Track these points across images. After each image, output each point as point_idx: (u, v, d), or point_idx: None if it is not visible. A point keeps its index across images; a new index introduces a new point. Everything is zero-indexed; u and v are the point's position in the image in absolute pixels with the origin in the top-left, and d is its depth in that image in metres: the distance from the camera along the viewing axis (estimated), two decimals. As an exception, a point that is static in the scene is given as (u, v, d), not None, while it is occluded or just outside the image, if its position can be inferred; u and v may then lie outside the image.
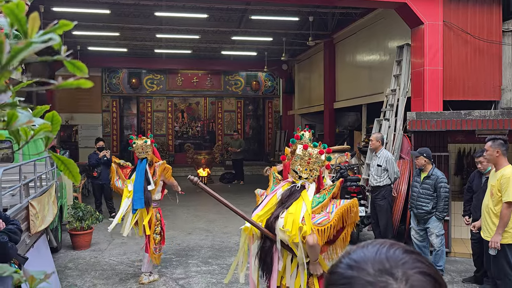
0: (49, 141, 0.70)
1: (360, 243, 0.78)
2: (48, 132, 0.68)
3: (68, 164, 0.73)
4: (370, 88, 10.93)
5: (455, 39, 7.99)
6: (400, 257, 0.71)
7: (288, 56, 15.44)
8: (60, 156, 0.73)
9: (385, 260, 0.70)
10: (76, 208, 7.00)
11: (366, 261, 0.71)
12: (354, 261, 0.73)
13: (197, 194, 12.90)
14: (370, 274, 0.69)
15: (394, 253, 0.72)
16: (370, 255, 0.72)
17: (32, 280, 0.63)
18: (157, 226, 5.45)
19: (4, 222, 3.08)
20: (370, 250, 0.74)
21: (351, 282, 0.69)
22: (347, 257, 0.75)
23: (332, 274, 0.74)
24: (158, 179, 5.39)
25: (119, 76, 18.22)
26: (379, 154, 6.76)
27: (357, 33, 11.83)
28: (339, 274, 0.73)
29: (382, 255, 0.72)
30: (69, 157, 3.46)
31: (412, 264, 0.70)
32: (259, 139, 20.09)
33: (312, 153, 3.27)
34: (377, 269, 0.69)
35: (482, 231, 4.66)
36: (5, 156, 6.96)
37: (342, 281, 0.71)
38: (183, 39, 14.93)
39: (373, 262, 0.70)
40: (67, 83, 0.60)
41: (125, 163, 5.69)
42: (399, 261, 0.70)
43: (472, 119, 6.51)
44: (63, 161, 0.73)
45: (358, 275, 0.69)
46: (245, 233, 3.26)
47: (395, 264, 0.69)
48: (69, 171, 0.74)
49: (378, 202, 6.76)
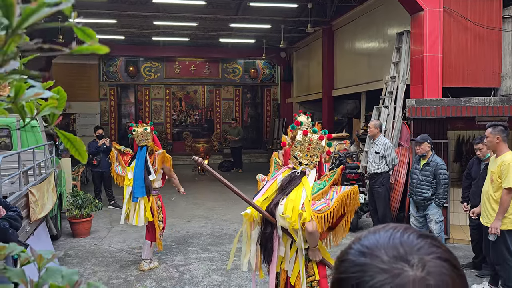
0: (55, 118, 0.68)
1: (371, 228, 0.74)
2: (53, 108, 0.67)
3: (74, 142, 0.72)
4: (369, 75, 10.89)
5: (455, 26, 7.94)
6: (415, 243, 0.67)
7: (287, 43, 15.34)
8: (66, 134, 0.72)
9: (399, 245, 0.67)
10: (75, 196, 7.00)
11: (379, 247, 0.67)
12: (366, 248, 0.69)
13: (195, 182, 12.92)
14: (384, 261, 0.65)
15: (408, 238, 0.68)
16: (384, 241, 0.68)
17: (41, 259, 0.62)
18: (159, 213, 5.46)
19: (5, 209, 3.07)
20: (383, 235, 0.70)
21: (363, 269, 0.65)
22: (358, 243, 0.71)
23: (343, 262, 0.70)
24: (158, 169, 5.36)
25: (116, 64, 18.10)
26: (377, 141, 6.75)
27: (356, 20, 11.75)
28: (350, 262, 0.68)
29: (396, 240, 0.68)
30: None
31: (428, 249, 0.66)
32: (257, 127, 20.06)
33: (312, 139, 3.25)
34: (391, 255, 0.65)
35: (482, 217, 4.68)
36: (3, 144, 6.94)
37: (354, 269, 0.67)
38: (181, 27, 14.80)
39: (387, 248, 0.67)
40: (82, 48, 0.58)
41: (125, 150, 5.67)
42: (414, 247, 0.66)
43: (472, 106, 6.50)
44: (69, 139, 0.71)
45: (371, 262, 0.65)
46: (245, 219, 3.26)
47: (410, 250, 0.66)
48: (75, 149, 0.73)
49: (376, 189, 6.78)
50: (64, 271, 0.60)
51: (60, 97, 0.68)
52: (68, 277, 0.58)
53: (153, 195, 5.40)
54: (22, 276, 0.57)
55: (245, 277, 5.21)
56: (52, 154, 6.54)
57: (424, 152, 5.71)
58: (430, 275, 0.62)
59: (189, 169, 15.29)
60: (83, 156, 0.74)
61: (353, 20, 11.96)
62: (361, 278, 0.64)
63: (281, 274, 3.30)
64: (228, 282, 5.11)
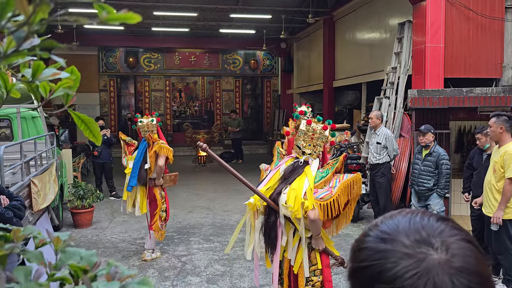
0: (69, 98, 0.67)
1: (386, 214, 0.72)
2: (67, 89, 0.65)
3: (88, 123, 0.70)
4: (370, 66, 10.84)
5: (457, 16, 7.89)
6: (436, 226, 0.66)
7: (287, 34, 15.25)
8: (81, 115, 0.70)
9: (421, 229, 0.65)
10: (77, 186, 7.00)
11: (400, 232, 0.65)
12: (386, 233, 0.66)
13: (195, 174, 12.93)
14: (407, 245, 0.63)
15: (429, 221, 0.67)
16: (404, 226, 0.66)
17: (58, 241, 0.61)
18: (163, 204, 5.48)
19: (8, 198, 3.07)
20: (401, 220, 0.68)
21: (385, 256, 0.63)
22: (375, 230, 0.69)
23: (361, 250, 0.68)
24: (153, 158, 5.33)
25: (116, 55, 18.02)
26: (379, 132, 6.75)
27: (357, 10, 11.67)
28: (370, 249, 0.66)
29: (416, 224, 0.66)
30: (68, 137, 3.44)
31: (450, 231, 0.65)
32: (257, 119, 20.03)
33: (316, 128, 3.23)
34: (413, 239, 0.64)
35: (484, 207, 4.69)
36: (3, 135, 6.92)
37: (375, 257, 0.64)
38: (181, 17, 14.71)
39: (408, 233, 0.65)
40: (114, 16, 0.56)
41: (130, 141, 5.71)
42: (436, 230, 0.65)
43: (474, 96, 6.48)
44: (83, 120, 0.70)
45: (393, 248, 0.63)
46: (249, 208, 3.26)
47: (432, 233, 0.64)
48: (89, 130, 0.71)
49: (378, 179, 6.79)
50: (83, 253, 0.59)
51: (75, 77, 0.67)
52: (87, 258, 0.57)
53: (154, 185, 5.40)
54: (40, 258, 0.56)
55: (247, 267, 5.23)
56: (53, 145, 6.53)
57: (428, 142, 5.70)
58: (455, 257, 0.61)
59: (189, 160, 15.29)
60: (97, 138, 0.72)
61: (354, 10, 11.88)
62: (384, 266, 0.62)
63: (285, 263, 3.31)
64: (231, 272, 5.13)
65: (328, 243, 3.33)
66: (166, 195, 5.62)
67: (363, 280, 0.65)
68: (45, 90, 0.63)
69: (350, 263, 0.69)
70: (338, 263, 3.34)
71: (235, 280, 4.90)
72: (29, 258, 0.55)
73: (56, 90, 0.63)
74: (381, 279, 0.62)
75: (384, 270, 0.62)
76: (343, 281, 4.79)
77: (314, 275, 3.26)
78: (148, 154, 5.32)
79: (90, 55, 17.50)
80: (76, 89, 0.68)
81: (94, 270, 0.57)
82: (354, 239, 0.73)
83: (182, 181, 11.25)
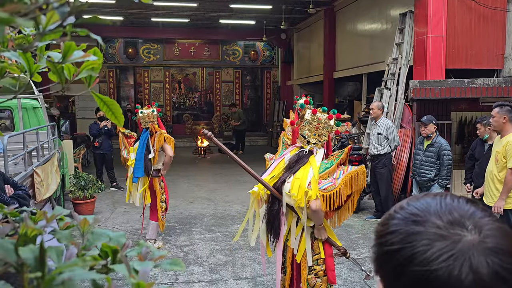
0: (92, 80, 0.67)
1: (411, 197, 0.70)
2: (90, 71, 0.65)
3: (111, 105, 0.70)
4: (371, 57, 10.81)
5: (459, 6, 7.85)
6: (467, 207, 0.65)
7: (288, 25, 15.18)
8: (103, 96, 0.70)
9: (453, 210, 0.64)
10: (78, 177, 7.01)
11: (431, 213, 0.64)
12: (416, 215, 0.64)
13: (196, 165, 12.94)
14: (440, 226, 0.62)
15: (459, 203, 0.66)
16: (435, 207, 0.65)
17: (85, 222, 0.61)
18: (162, 194, 5.50)
19: (12, 188, 3.07)
20: (431, 202, 0.66)
21: (418, 238, 0.62)
22: (403, 212, 0.67)
23: (391, 234, 0.65)
24: (156, 148, 5.38)
25: (115, 46, 17.93)
26: (379, 123, 6.75)
27: (358, 1, 11.60)
28: (401, 232, 0.64)
29: (448, 206, 0.65)
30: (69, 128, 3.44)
31: (480, 213, 0.64)
32: (257, 110, 20.00)
33: (321, 118, 3.23)
34: (446, 220, 0.62)
35: (485, 197, 4.70)
36: (3, 126, 6.90)
37: (408, 239, 0.62)
38: (181, 7, 14.60)
39: (440, 214, 0.63)
40: None
41: (130, 133, 5.72)
42: (467, 211, 0.64)
43: (476, 87, 6.48)
44: (105, 102, 0.70)
45: (425, 230, 0.62)
46: (253, 197, 3.27)
47: (464, 214, 0.63)
48: (111, 112, 0.71)
49: (379, 170, 6.80)
50: (111, 234, 0.59)
51: (99, 58, 0.66)
52: (116, 239, 0.57)
53: (154, 176, 5.43)
54: (70, 238, 0.56)
55: (250, 257, 5.26)
56: (54, 136, 6.52)
57: (430, 133, 5.71)
58: (488, 238, 0.61)
59: (189, 151, 15.30)
60: (119, 120, 0.72)
61: (355, 0, 11.81)
62: (417, 248, 0.61)
63: (288, 252, 3.33)
64: (233, 261, 5.15)
65: (331, 233, 3.34)
66: (166, 185, 5.64)
67: (394, 263, 0.63)
68: (69, 72, 0.63)
69: (376, 247, 0.68)
70: (341, 253, 3.36)
71: (237, 269, 4.92)
72: (59, 238, 0.55)
73: (81, 71, 0.63)
74: (415, 261, 0.61)
75: (417, 253, 0.61)
76: (345, 271, 4.82)
77: (317, 264, 3.28)
78: (151, 144, 5.34)
79: (89, 46, 17.32)
80: (99, 70, 0.68)
81: (124, 250, 0.57)
82: (377, 223, 0.72)
83: (182, 172, 11.29)
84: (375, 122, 6.90)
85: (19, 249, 0.44)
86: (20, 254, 0.43)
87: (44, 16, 0.50)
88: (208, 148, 14.93)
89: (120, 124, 0.74)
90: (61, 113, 16.77)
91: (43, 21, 0.51)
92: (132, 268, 0.50)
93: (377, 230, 0.71)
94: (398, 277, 0.63)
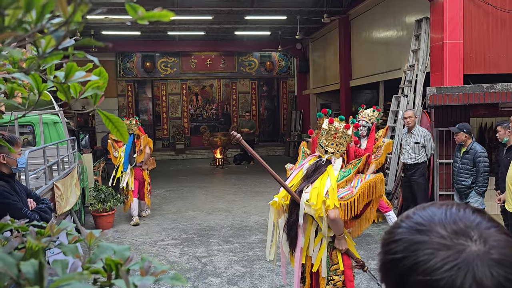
0: (98, 98, 0.69)
1: (417, 206, 0.71)
2: (96, 89, 0.67)
3: (116, 122, 0.72)
4: (387, 64, 10.75)
5: (476, 11, 7.76)
6: (473, 217, 0.64)
7: (302, 34, 15.23)
8: (108, 114, 0.72)
9: (458, 220, 0.63)
10: (98, 190, 7.11)
11: (436, 223, 0.64)
12: (421, 224, 0.64)
13: (214, 176, 12.99)
14: (444, 236, 0.61)
15: (465, 213, 0.65)
16: (440, 216, 0.65)
17: (91, 236, 0.63)
18: (148, 178, 7.84)
19: (35, 201, 3.14)
20: (436, 211, 0.66)
21: (422, 247, 0.61)
22: (408, 221, 0.67)
23: (395, 242, 0.65)
24: (143, 148, 7.49)
25: (133, 60, 18.25)
26: (415, 131, 6.59)
27: (373, 9, 11.59)
28: (405, 241, 0.64)
29: (453, 215, 0.64)
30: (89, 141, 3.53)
31: (486, 223, 0.63)
32: (274, 120, 20.03)
33: (338, 127, 3.23)
34: (451, 230, 0.62)
35: (507, 203, 4.60)
36: (25, 141, 7.07)
37: (411, 248, 0.62)
38: (196, 20, 14.81)
39: (445, 223, 0.63)
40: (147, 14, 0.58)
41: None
42: (473, 221, 0.63)
43: (495, 92, 6.36)
44: (110, 120, 0.72)
45: (429, 239, 0.62)
46: (273, 207, 3.27)
47: (470, 224, 0.63)
48: (116, 129, 0.73)
49: (416, 180, 6.56)
50: (115, 248, 0.60)
51: (103, 78, 0.69)
52: (120, 253, 0.59)
53: (142, 168, 7.55)
54: (75, 251, 0.58)
55: (268, 268, 5.24)
56: (74, 149, 6.64)
57: (461, 141, 5.65)
58: (493, 249, 0.60)
59: (207, 163, 15.37)
60: (124, 136, 0.74)
61: (369, 8, 11.80)
62: (421, 257, 0.61)
63: (307, 261, 3.31)
64: (251, 272, 5.14)
65: (351, 245, 3.31)
66: (149, 175, 7.89)
67: (398, 272, 0.63)
68: (75, 91, 0.65)
69: (381, 255, 0.68)
70: (359, 266, 3.33)
71: (255, 281, 4.90)
72: (65, 251, 0.57)
73: (86, 90, 0.65)
74: (418, 270, 0.60)
75: (421, 262, 0.61)
76: (364, 281, 4.75)
77: (335, 275, 3.25)
78: (137, 145, 7.47)
79: (108, 61, 17.76)
80: (104, 88, 0.70)
81: (127, 264, 0.58)
82: (384, 231, 0.72)
83: (200, 183, 11.35)
84: (408, 131, 6.76)
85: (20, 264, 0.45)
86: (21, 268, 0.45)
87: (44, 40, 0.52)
88: (226, 159, 14.98)
89: (125, 141, 0.76)
90: (81, 127, 17.12)
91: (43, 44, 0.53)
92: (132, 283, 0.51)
93: (382, 238, 0.71)
94: (401, 285, 0.62)
